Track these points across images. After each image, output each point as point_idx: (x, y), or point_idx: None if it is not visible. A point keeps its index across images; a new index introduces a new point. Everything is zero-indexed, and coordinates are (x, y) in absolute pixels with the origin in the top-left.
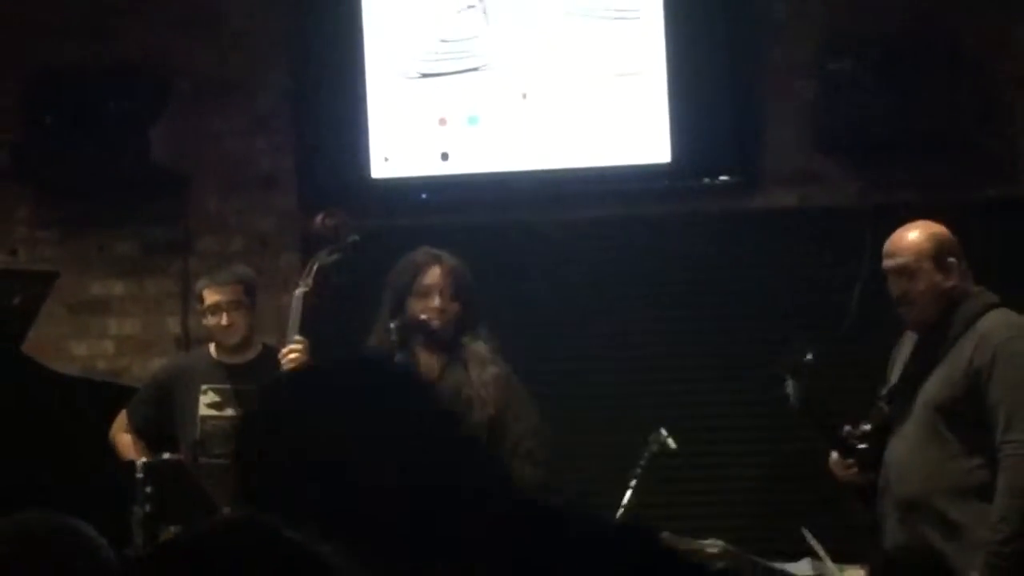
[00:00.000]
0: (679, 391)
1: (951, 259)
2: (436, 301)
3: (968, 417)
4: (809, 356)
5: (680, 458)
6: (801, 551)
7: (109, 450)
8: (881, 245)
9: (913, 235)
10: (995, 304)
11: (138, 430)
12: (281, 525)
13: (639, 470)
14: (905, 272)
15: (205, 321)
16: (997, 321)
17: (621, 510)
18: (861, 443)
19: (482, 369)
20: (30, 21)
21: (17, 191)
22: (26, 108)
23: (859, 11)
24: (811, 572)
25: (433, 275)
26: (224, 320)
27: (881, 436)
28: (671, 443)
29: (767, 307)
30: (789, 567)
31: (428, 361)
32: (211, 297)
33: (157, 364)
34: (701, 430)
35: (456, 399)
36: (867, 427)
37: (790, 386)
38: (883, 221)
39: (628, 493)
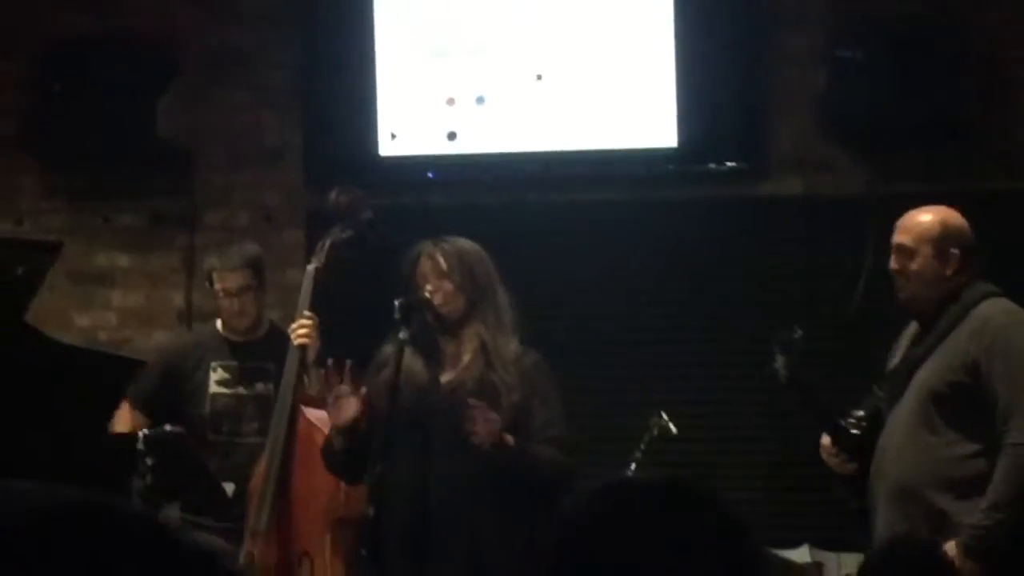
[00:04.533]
0: (681, 375)
1: (953, 250)
2: (429, 287)
3: (963, 405)
4: (798, 332)
5: (680, 442)
6: (800, 538)
7: (109, 421)
8: (887, 234)
9: (924, 217)
10: (993, 293)
11: (141, 405)
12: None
13: (639, 453)
14: (903, 250)
15: (216, 300)
16: (994, 309)
17: None
18: (854, 429)
19: (505, 354)
20: None
21: (24, 161)
22: (34, 79)
23: None
24: (810, 559)
25: (423, 265)
26: (235, 306)
27: (875, 422)
28: (672, 427)
29: (771, 294)
30: (788, 554)
31: (450, 347)
32: (220, 283)
33: (160, 336)
34: (702, 415)
35: (481, 386)
36: (860, 413)
37: (779, 361)
38: (889, 210)
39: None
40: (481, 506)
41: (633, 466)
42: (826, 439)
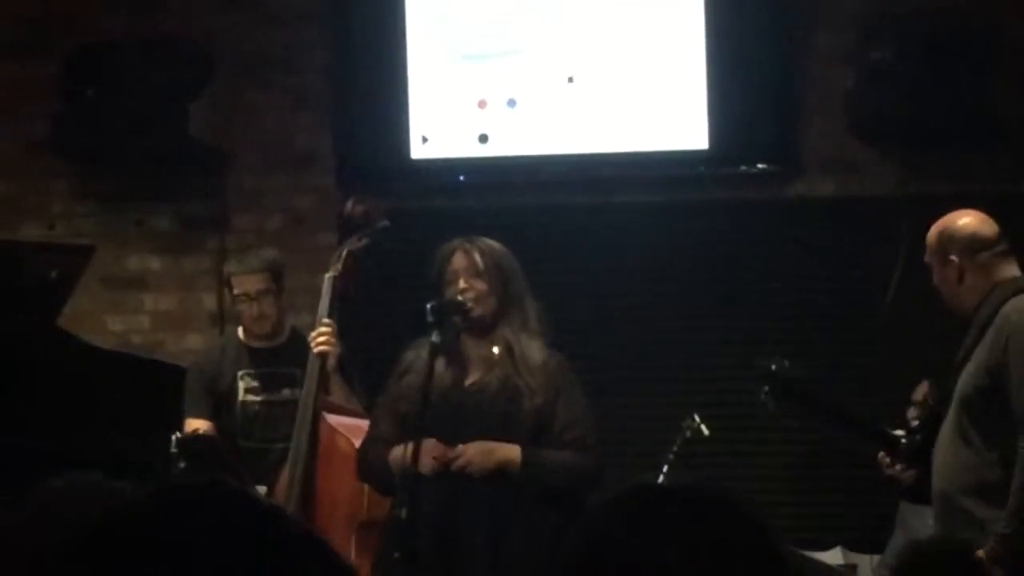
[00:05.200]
0: (713, 376)
1: (952, 257)
2: (461, 283)
3: (989, 410)
4: (780, 362)
5: (713, 444)
6: (833, 540)
7: (143, 425)
8: (918, 234)
9: (932, 229)
10: (1020, 290)
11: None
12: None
13: (671, 455)
14: (927, 265)
15: (235, 306)
16: (1013, 308)
17: None
18: (904, 438)
19: (530, 357)
20: None
21: (56, 165)
22: (67, 81)
23: (900, 0)
24: (843, 561)
25: (457, 261)
26: (254, 311)
27: (930, 430)
28: (704, 429)
29: (803, 294)
30: (821, 556)
31: (476, 350)
32: (239, 287)
33: (192, 340)
34: (734, 417)
35: (505, 388)
36: (916, 424)
37: (763, 394)
38: (920, 210)
39: (660, 478)
40: (507, 506)
41: (666, 468)
42: (880, 452)
